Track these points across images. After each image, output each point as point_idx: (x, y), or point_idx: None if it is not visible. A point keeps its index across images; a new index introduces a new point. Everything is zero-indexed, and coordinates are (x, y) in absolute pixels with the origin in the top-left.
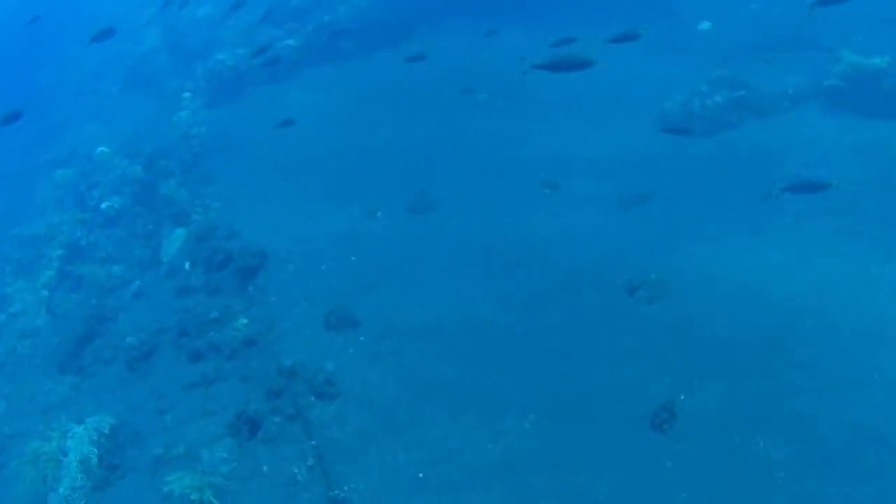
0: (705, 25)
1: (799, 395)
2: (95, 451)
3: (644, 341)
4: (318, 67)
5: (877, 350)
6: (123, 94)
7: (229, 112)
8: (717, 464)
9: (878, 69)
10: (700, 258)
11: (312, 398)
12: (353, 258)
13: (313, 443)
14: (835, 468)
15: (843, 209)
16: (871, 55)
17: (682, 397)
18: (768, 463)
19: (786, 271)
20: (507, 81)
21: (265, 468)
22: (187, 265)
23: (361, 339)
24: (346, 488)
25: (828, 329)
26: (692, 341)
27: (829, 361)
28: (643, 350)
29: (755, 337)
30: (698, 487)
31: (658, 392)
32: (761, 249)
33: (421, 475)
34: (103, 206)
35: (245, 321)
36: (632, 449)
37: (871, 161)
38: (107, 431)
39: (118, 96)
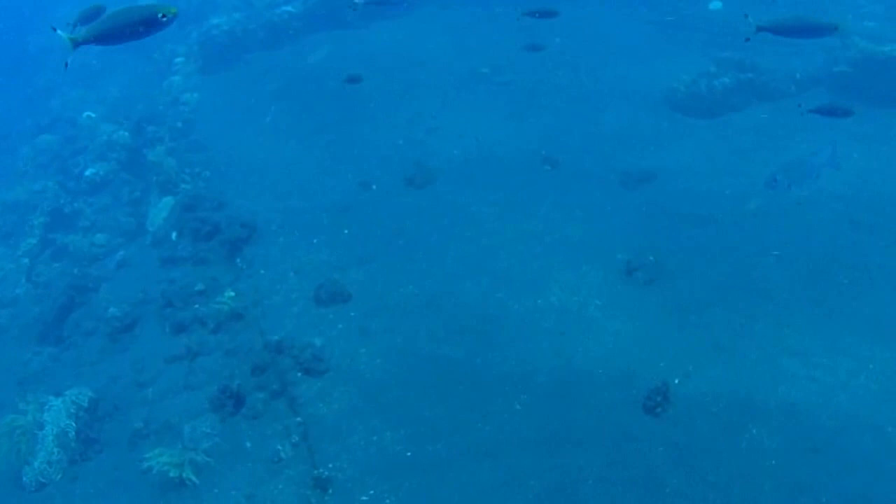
0: (716, 5)
1: (793, 384)
2: (73, 424)
3: (640, 323)
4: (317, 35)
5: (872, 340)
6: (112, 58)
7: (223, 78)
8: (709, 450)
9: (889, 57)
10: (700, 241)
11: (299, 374)
12: (346, 231)
13: (298, 420)
14: (827, 457)
15: (846, 197)
16: (883, 42)
17: (677, 381)
18: (760, 451)
19: (779, 259)
20: (509, 56)
21: (248, 445)
22: (174, 235)
23: (352, 314)
24: (330, 466)
25: (823, 318)
26: (689, 325)
27: (823, 351)
28: (639, 332)
29: (751, 322)
30: (689, 473)
31: (652, 375)
32: (756, 237)
33: (409, 454)
34: (88, 172)
35: (232, 294)
36: (623, 432)
37: (875, 150)
38: (85, 404)
39: (107, 60)
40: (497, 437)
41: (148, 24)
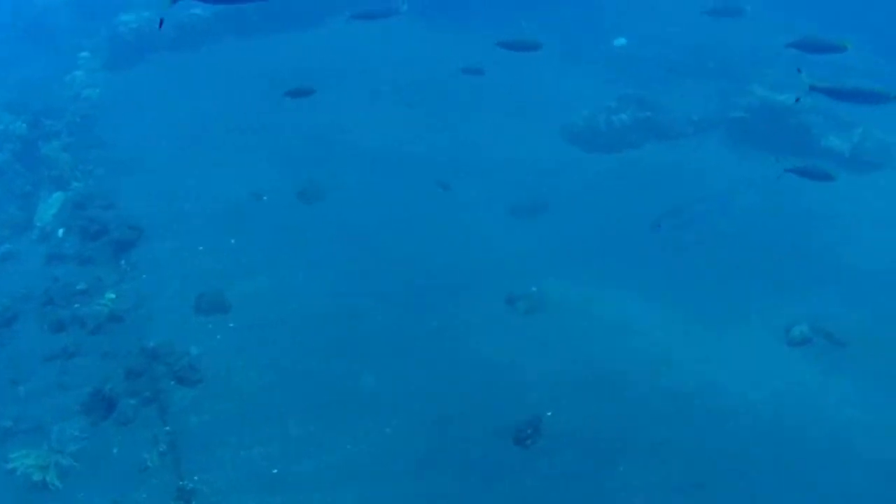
0: (621, 41)
1: (665, 422)
2: None
3: (518, 353)
4: (225, 39)
5: (743, 381)
6: (16, 48)
7: (127, 77)
8: (577, 485)
9: (786, 106)
10: (581, 276)
11: (173, 382)
12: (233, 241)
13: (168, 429)
14: (694, 497)
15: (728, 241)
16: (781, 91)
17: (549, 414)
18: (628, 488)
19: (661, 297)
20: (411, 74)
21: (115, 451)
22: (60, 232)
23: (231, 325)
24: (195, 479)
25: (696, 359)
26: (565, 358)
27: (697, 391)
28: (516, 362)
29: (626, 361)
30: None
31: (526, 406)
32: (639, 275)
33: (275, 471)
34: None
35: (113, 296)
36: (492, 462)
37: (766, 195)
38: None
39: (10, 50)
40: (364, 459)
41: None
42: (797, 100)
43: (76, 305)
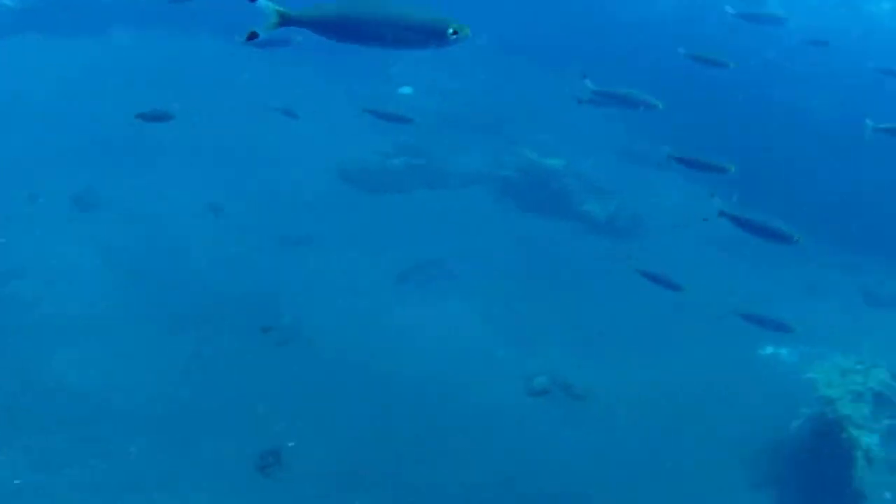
0: (407, 90)
1: (400, 458)
2: None
3: (267, 383)
4: (29, 35)
5: (479, 425)
6: None
7: None
8: None
9: (552, 170)
10: (340, 309)
11: None
12: (3, 240)
13: None
14: None
15: (481, 293)
16: (550, 156)
17: (291, 444)
18: None
19: (409, 341)
20: (204, 97)
21: None
22: None
23: None
24: None
25: (434, 400)
26: (313, 390)
27: (431, 430)
28: (264, 391)
29: (366, 397)
30: None
31: (271, 435)
32: (387, 317)
33: (17, 482)
34: None
35: None
36: (232, 488)
37: (522, 252)
38: None
39: None
40: (107, 476)
41: (421, 33)
42: (705, 220)
43: None
